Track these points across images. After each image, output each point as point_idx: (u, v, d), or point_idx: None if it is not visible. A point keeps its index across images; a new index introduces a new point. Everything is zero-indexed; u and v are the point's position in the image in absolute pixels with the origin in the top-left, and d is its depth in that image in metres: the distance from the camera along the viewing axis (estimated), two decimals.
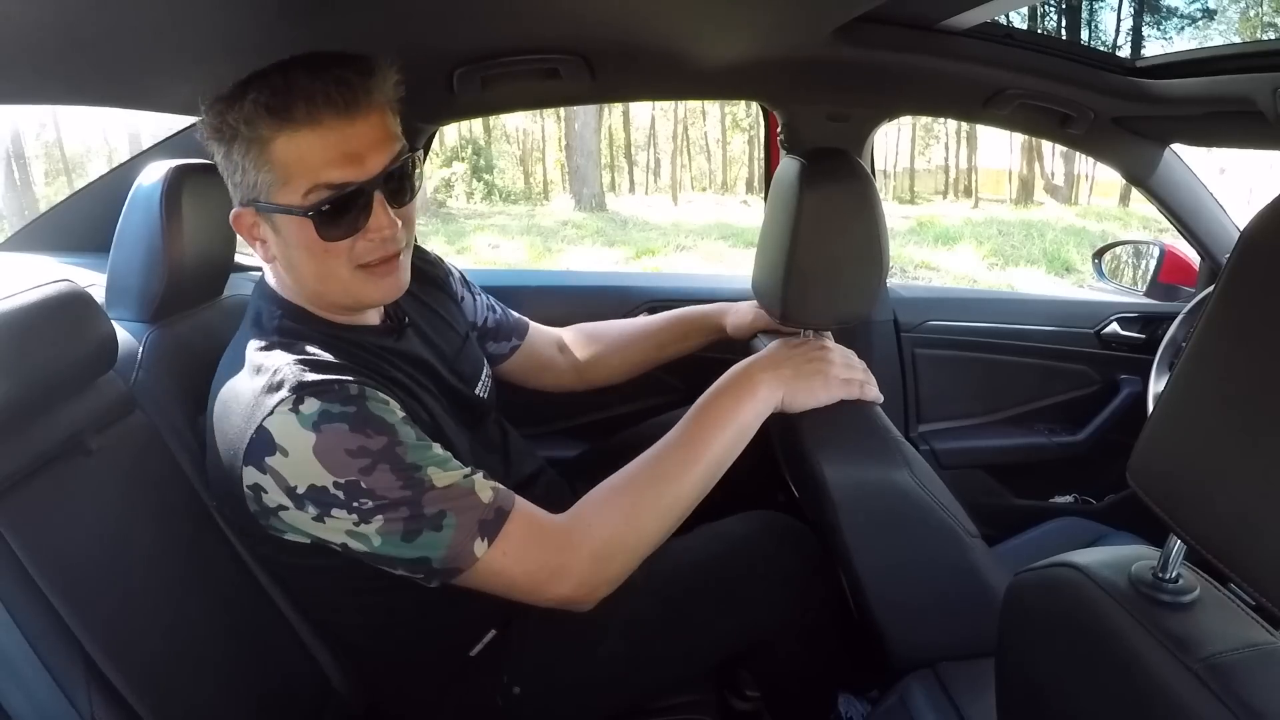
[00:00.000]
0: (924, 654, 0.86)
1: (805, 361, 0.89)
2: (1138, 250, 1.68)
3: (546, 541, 0.76)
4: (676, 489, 0.80)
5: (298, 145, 0.71)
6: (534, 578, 0.75)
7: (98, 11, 0.62)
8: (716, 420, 0.84)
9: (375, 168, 0.73)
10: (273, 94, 0.69)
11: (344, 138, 0.71)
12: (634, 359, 1.23)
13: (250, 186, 0.74)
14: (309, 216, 0.73)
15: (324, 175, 0.72)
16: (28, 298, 0.74)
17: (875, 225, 0.89)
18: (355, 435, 0.69)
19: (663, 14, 0.92)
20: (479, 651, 0.90)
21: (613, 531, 0.78)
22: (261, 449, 0.69)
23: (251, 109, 0.70)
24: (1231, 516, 0.42)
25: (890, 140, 13.20)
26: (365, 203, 0.74)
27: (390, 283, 0.79)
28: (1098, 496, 1.54)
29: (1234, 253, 0.43)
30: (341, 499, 0.69)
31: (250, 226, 0.78)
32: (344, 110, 0.71)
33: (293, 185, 0.72)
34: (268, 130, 0.71)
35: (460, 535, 0.71)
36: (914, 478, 0.83)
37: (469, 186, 11.17)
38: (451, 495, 0.72)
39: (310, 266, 0.77)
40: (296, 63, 0.72)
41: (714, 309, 1.22)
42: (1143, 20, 6.43)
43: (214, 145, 0.76)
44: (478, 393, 0.98)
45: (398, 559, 0.72)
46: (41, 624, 0.67)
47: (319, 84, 0.70)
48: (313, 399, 0.69)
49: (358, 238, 0.75)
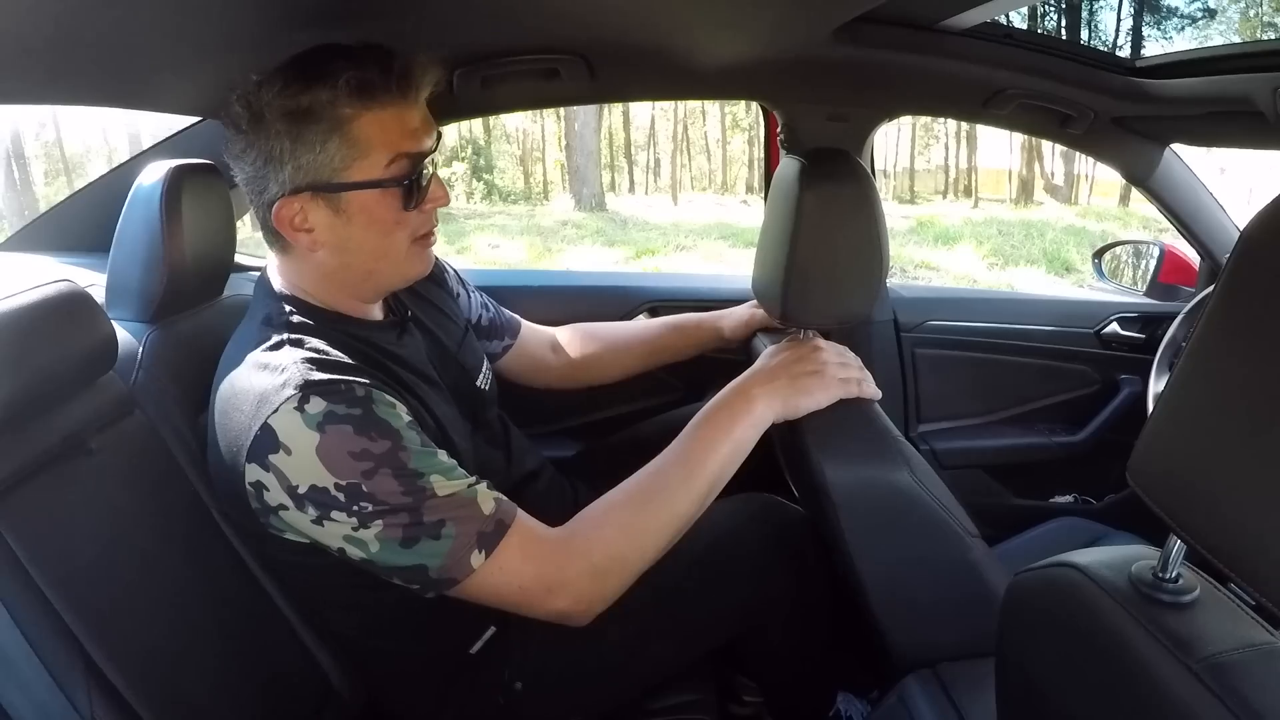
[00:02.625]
0: (924, 654, 0.85)
1: (799, 367, 0.89)
2: (1138, 250, 1.68)
3: (544, 556, 0.76)
4: (673, 507, 0.81)
5: (380, 121, 0.74)
6: (529, 592, 0.76)
7: (100, 12, 0.62)
8: (713, 438, 0.84)
9: (434, 140, 0.80)
10: (367, 74, 0.73)
11: (411, 115, 0.77)
12: (627, 362, 1.23)
13: (320, 168, 0.74)
14: (399, 186, 0.76)
15: (404, 146, 0.76)
16: (28, 298, 0.73)
17: (875, 225, 0.89)
18: (360, 438, 0.69)
19: (663, 14, 0.92)
20: (479, 648, 0.90)
21: (610, 549, 0.78)
22: (265, 446, 0.69)
23: (345, 89, 0.72)
24: (1231, 516, 0.42)
25: (890, 140, 13.23)
26: (431, 173, 0.80)
27: (430, 256, 0.86)
28: (1098, 496, 1.54)
29: (1234, 253, 0.43)
30: (342, 501, 0.69)
31: (293, 216, 0.76)
32: (414, 89, 0.77)
33: (373, 159, 0.75)
34: (353, 109, 0.73)
35: (458, 545, 0.71)
36: (914, 477, 0.83)
37: (469, 186, 11.18)
38: (452, 505, 0.72)
39: (373, 244, 0.79)
40: (350, 49, 0.75)
41: (710, 317, 1.23)
42: (1143, 20, 6.43)
43: (273, 129, 0.73)
44: (479, 384, 0.99)
45: (394, 567, 0.71)
46: (41, 624, 0.67)
47: (405, 66, 0.75)
48: (319, 398, 0.69)
49: (419, 209, 0.80)
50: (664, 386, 1.46)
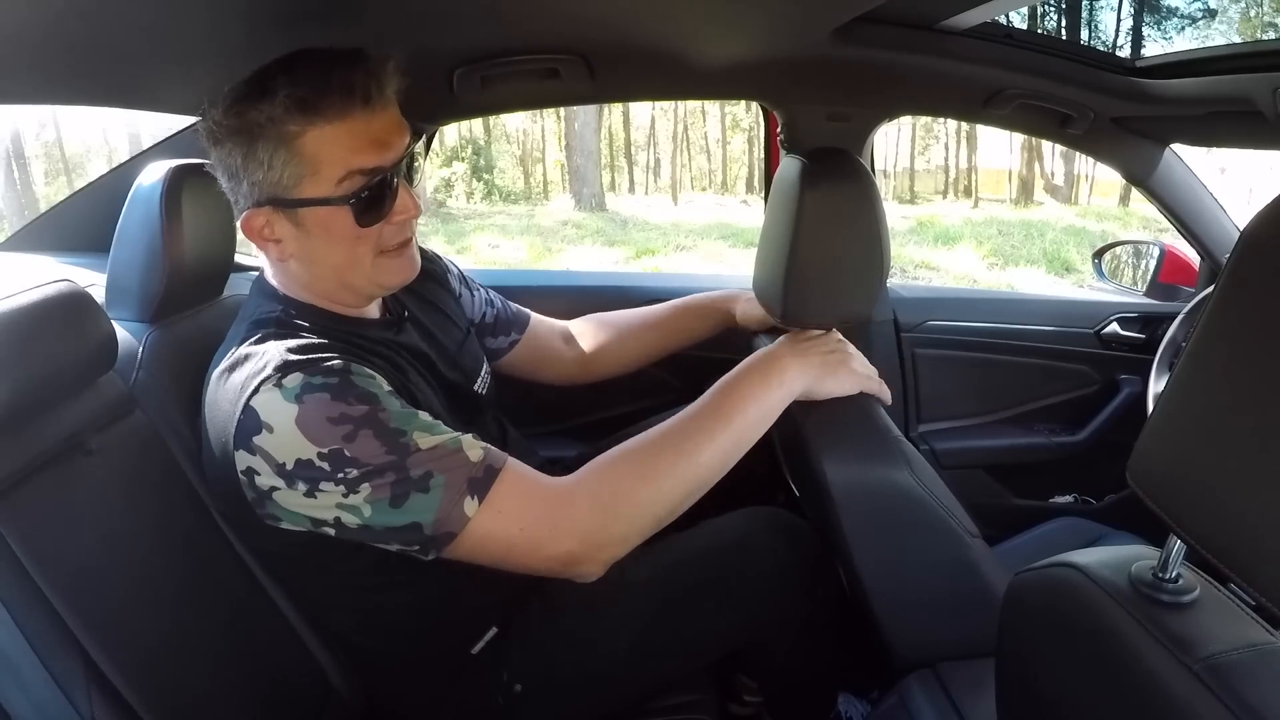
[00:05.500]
0: (924, 654, 0.85)
1: (829, 351, 0.90)
2: (1138, 250, 1.68)
3: (544, 496, 0.74)
4: (695, 458, 0.78)
5: (328, 136, 0.73)
6: (532, 535, 0.73)
7: (99, 11, 0.62)
8: (742, 397, 0.82)
9: (397, 153, 0.76)
10: (305, 89, 0.71)
11: (370, 127, 0.74)
12: (641, 349, 1.21)
13: (272, 184, 0.74)
14: (349, 204, 0.74)
15: (355, 162, 0.73)
16: (28, 298, 0.73)
17: (876, 225, 0.89)
18: (337, 403, 0.69)
19: (662, 14, 0.92)
20: (480, 649, 0.90)
21: (621, 486, 0.76)
22: (249, 429, 0.69)
23: (283, 105, 0.70)
24: (1231, 516, 0.42)
25: (890, 140, 13.23)
26: (393, 187, 0.76)
27: (408, 264, 0.82)
28: (1098, 496, 1.54)
29: (1234, 253, 0.43)
30: (327, 470, 0.68)
31: (261, 228, 0.77)
32: (370, 100, 0.73)
33: (323, 175, 0.73)
34: (296, 125, 0.71)
35: (449, 495, 0.70)
36: (914, 477, 0.83)
37: (469, 186, 11.17)
38: (437, 455, 0.70)
39: (337, 257, 0.77)
40: (306, 57, 0.73)
41: (722, 295, 1.20)
42: (1143, 20, 6.42)
43: (226, 146, 0.75)
44: (477, 388, 0.98)
45: (389, 528, 0.70)
46: (41, 624, 0.67)
47: (347, 77, 0.72)
48: (297, 373, 0.70)
49: (386, 222, 0.77)
50: (664, 386, 1.46)
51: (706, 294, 1.22)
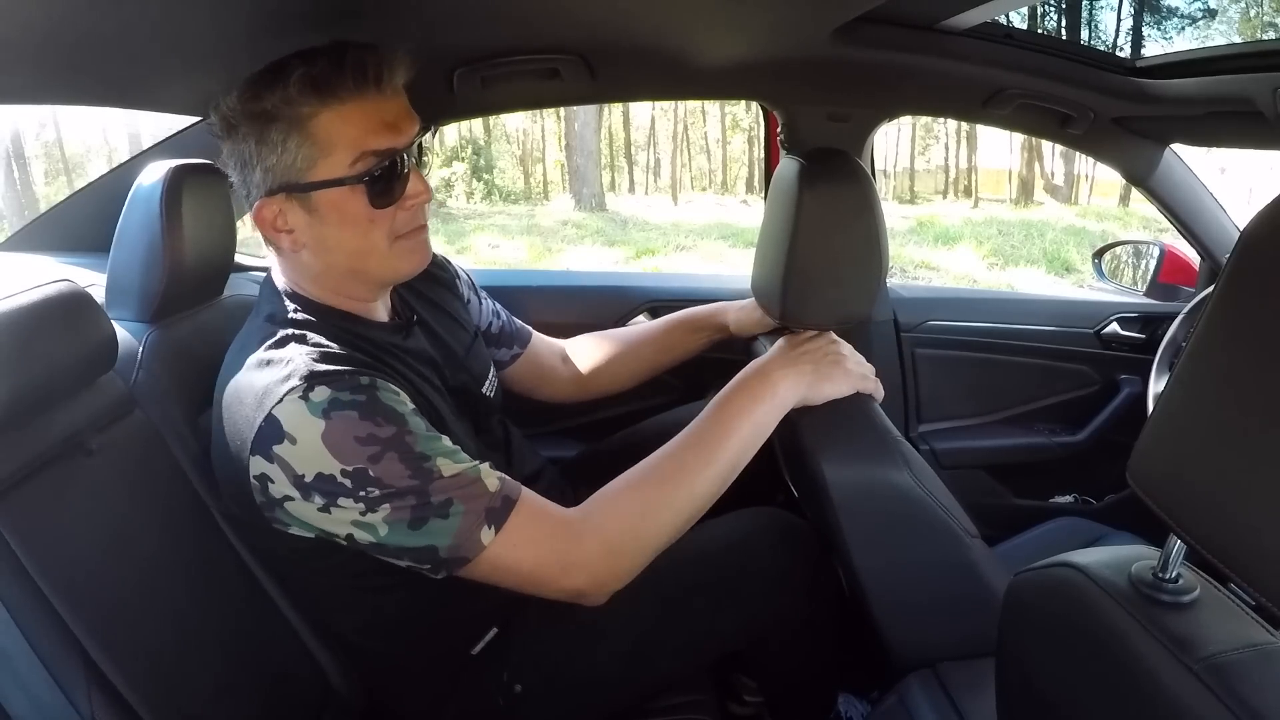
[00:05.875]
0: (924, 654, 0.86)
1: (822, 355, 0.90)
2: (1138, 250, 1.68)
3: (556, 532, 0.76)
4: (691, 487, 0.80)
5: (342, 117, 0.73)
6: (544, 569, 0.75)
7: (99, 11, 0.62)
8: (733, 419, 0.83)
9: (409, 138, 0.77)
10: (318, 71, 0.72)
11: (382, 109, 0.75)
12: (638, 366, 1.22)
13: (285, 168, 0.74)
14: (362, 183, 0.75)
15: (369, 143, 0.74)
16: (28, 298, 0.74)
17: (875, 225, 0.89)
18: (365, 423, 0.69)
19: (663, 14, 0.92)
20: (480, 650, 0.90)
21: (626, 525, 0.78)
22: (270, 437, 0.69)
23: (296, 87, 0.71)
24: (1231, 516, 0.42)
25: (890, 140, 13.22)
26: (405, 170, 0.77)
27: (422, 253, 0.83)
28: (1098, 496, 1.54)
29: (1234, 253, 0.43)
30: (349, 487, 0.68)
31: (274, 219, 0.77)
32: (382, 83, 0.75)
33: (336, 157, 0.74)
34: (309, 106, 0.72)
35: (467, 523, 0.71)
36: (914, 478, 0.83)
37: (469, 186, 11.16)
38: (460, 483, 0.72)
39: (351, 242, 0.78)
40: (322, 48, 0.74)
41: (715, 308, 1.22)
42: (1143, 20, 6.42)
43: (240, 132, 0.75)
44: (484, 391, 0.99)
45: (403, 548, 0.71)
46: (41, 624, 0.67)
47: (360, 59, 0.73)
48: (323, 387, 0.70)
49: (399, 206, 0.78)
50: (664, 386, 1.46)
51: (698, 308, 1.23)
